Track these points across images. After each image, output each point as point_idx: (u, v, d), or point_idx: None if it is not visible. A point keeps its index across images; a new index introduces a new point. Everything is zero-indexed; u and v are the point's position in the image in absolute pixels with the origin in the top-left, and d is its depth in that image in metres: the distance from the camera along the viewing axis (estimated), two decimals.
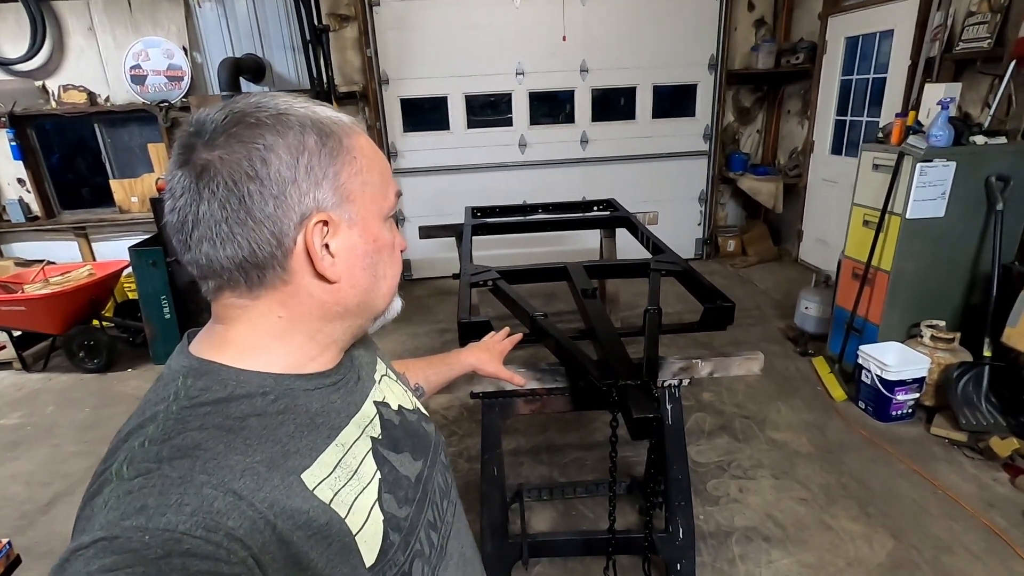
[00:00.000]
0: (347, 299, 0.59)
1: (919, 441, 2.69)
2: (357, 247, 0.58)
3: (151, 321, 3.85)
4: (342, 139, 0.57)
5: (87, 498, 0.47)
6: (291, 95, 0.57)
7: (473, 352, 1.21)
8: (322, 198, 0.54)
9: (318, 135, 0.55)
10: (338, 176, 0.56)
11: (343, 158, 0.56)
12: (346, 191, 0.56)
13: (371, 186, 0.59)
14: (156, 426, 0.49)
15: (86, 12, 4.56)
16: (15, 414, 3.42)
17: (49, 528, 2.42)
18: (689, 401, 3.09)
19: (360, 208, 0.58)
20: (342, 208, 0.56)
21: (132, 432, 0.50)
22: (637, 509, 2.32)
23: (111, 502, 0.44)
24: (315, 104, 0.58)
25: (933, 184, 2.77)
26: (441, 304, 4.83)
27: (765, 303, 4.42)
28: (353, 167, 0.57)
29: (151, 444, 0.48)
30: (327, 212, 0.55)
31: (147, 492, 0.44)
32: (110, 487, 0.45)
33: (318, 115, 0.56)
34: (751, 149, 5.56)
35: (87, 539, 0.42)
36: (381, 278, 0.62)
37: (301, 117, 0.55)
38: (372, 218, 0.59)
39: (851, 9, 4.27)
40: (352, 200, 0.57)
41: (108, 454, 0.50)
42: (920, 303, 2.98)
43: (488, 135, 5.19)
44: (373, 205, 0.59)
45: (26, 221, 4.95)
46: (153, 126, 4.86)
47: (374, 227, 0.59)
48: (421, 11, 4.75)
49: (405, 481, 0.64)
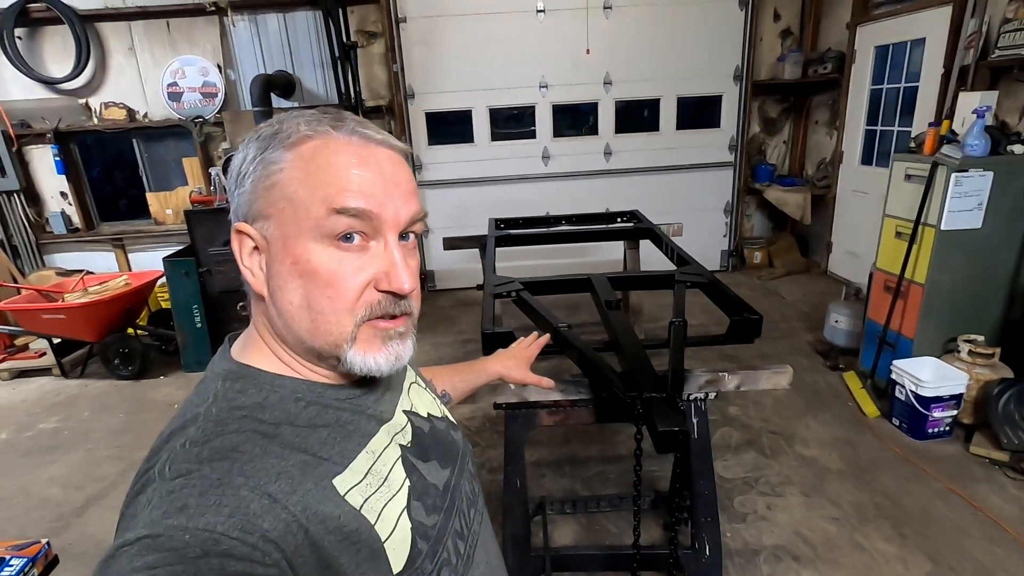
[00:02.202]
0: (279, 323, 0.56)
1: (957, 460, 2.59)
2: (274, 266, 0.55)
3: (183, 329, 3.95)
4: (278, 150, 0.54)
5: (131, 496, 0.49)
6: (309, 111, 0.57)
7: (500, 360, 1.20)
8: (244, 209, 0.56)
9: (257, 147, 0.55)
10: (256, 188, 0.54)
11: (267, 169, 0.54)
12: (263, 204, 0.54)
13: (291, 200, 0.53)
14: (197, 427, 0.51)
15: (127, 33, 4.75)
16: (53, 418, 3.53)
17: (83, 531, 2.49)
18: (715, 415, 3.03)
19: (278, 224, 0.54)
20: (259, 221, 0.55)
21: (174, 433, 0.52)
22: (662, 524, 2.27)
23: (154, 501, 0.46)
24: (314, 115, 0.56)
25: (969, 194, 2.69)
26: (464, 315, 4.85)
27: (793, 316, 4.33)
28: (273, 179, 0.54)
29: (192, 445, 0.49)
30: (246, 224, 0.56)
31: (188, 492, 0.45)
32: (153, 486, 0.47)
33: (282, 127, 0.55)
34: (778, 160, 5.48)
35: (131, 536, 0.44)
36: (315, 312, 0.54)
37: (266, 130, 0.56)
38: (294, 236, 0.53)
39: (881, 18, 4.21)
40: (267, 214, 0.54)
41: (151, 453, 0.52)
42: (957, 317, 2.89)
43: (512, 147, 5.23)
44: (294, 221, 0.53)
45: (67, 232, 5.15)
46: (188, 141, 5.02)
47: (296, 247, 0.53)
48: (446, 27, 4.83)
49: (433, 489, 0.64)
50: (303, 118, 0.56)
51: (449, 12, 4.79)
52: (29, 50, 4.70)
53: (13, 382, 4.09)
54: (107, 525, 2.50)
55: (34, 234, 5.11)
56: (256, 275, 0.57)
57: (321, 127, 0.55)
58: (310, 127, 0.55)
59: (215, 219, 3.90)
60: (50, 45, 4.73)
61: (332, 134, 0.55)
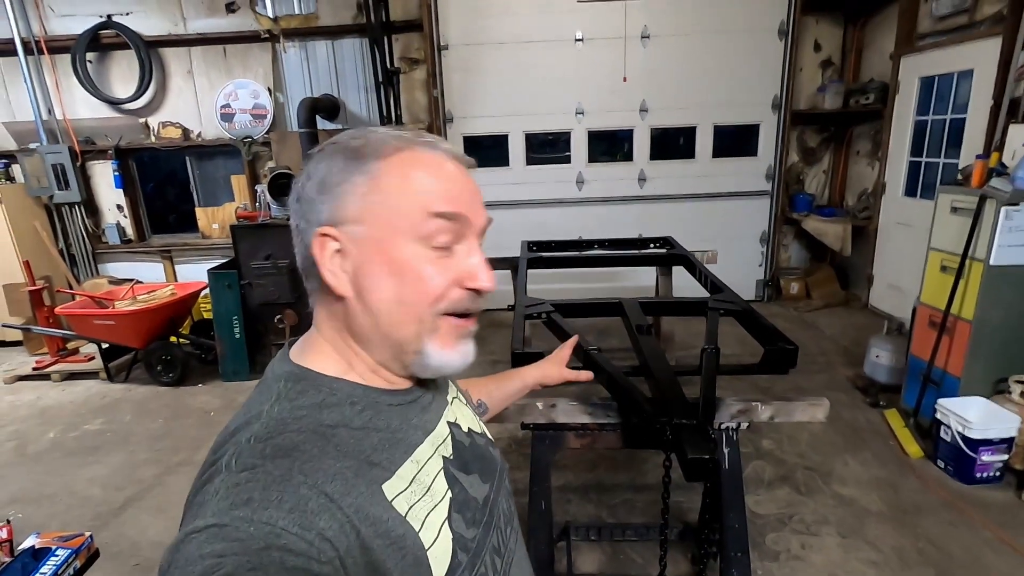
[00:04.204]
0: (362, 321, 0.59)
1: (1008, 508, 2.45)
2: (365, 266, 0.58)
3: (223, 340, 4.08)
4: (371, 160, 0.58)
5: (198, 486, 0.51)
6: (386, 128, 0.62)
7: (536, 369, 1.21)
8: (331, 214, 0.58)
9: (345, 158, 0.59)
10: (348, 194, 0.57)
11: (358, 178, 0.57)
12: (356, 209, 0.57)
13: (388, 206, 0.57)
14: (261, 424, 0.54)
15: (187, 57, 5.05)
16: (98, 420, 3.68)
17: (120, 531, 2.57)
18: (747, 448, 2.95)
19: (372, 227, 0.57)
20: (350, 225, 0.57)
21: (239, 428, 0.55)
22: (689, 558, 2.21)
23: (221, 491, 0.48)
24: (396, 131, 0.61)
25: (1020, 229, 2.59)
26: (495, 335, 4.86)
27: (831, 350, 4.20)
28: (367, 186, 0.57)
29: (256, 441, 0.52)
30: (334, 227, 0.58)
31: (252, 486, 0.48)
32: (220, 477, 0.50)
33: (368, 140, 0.59)
34: (817, 190, 5.39)
35: (200, 524, 0.46)
36: (406, 304, 0.58)
37: (346, 142, 0.60)
38: (390, 237, 0.57)
39: (926, 49, 4.14)
40: (361, 219, 0.57)
41: (216, 446, 0.55)
42: (1008, 356, 2.76)
43: (546, 172, 5.29)
44: (390, 224, 0.57)
45: (120, 243, 5.43)
46: (237, 159, 5.26)
47: (392, 248, 0.57)
48: (487, 54, 4.97)
49: (473, 503, 0.65)
50: (389, 133, 0.60)
51: (490, 40, 4.93)
52: (97, 72, 5.05)
53: (63, 384, 4.29)
54: (143, 526, 2.57)
55: (91, 244, 5.41)
56: (338, 276, 0.59)
57: (406, 141, 0.60)
58: (398, 140, 0.60)
59: (259, 234, 4.05)
60: (116, 68, 5.06)
61: (418, 148, 0.60)
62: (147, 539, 2.50)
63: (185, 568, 0.44)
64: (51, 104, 5.10)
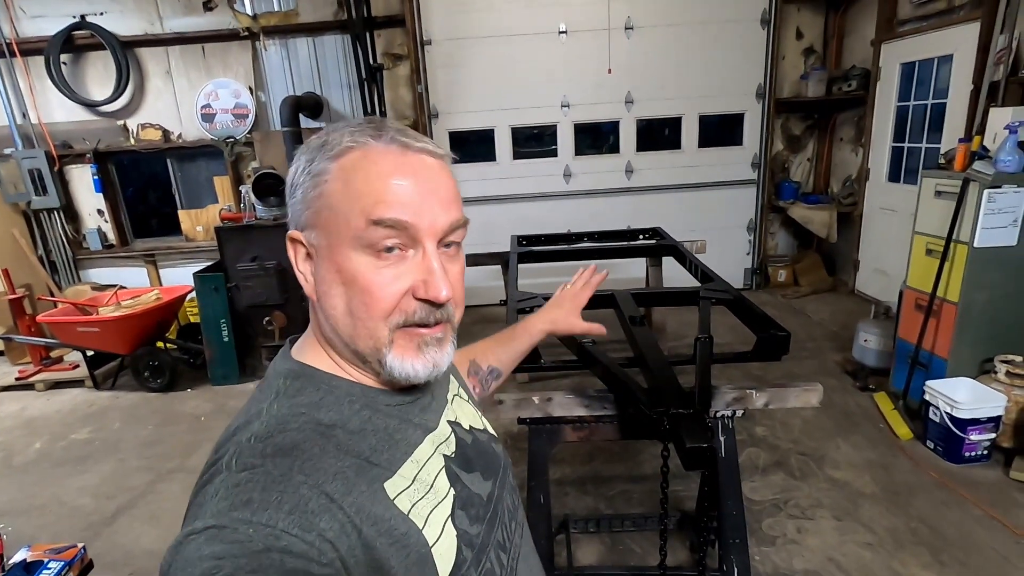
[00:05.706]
0: (330, 326, 0.58)
1: (997, 485, 2.49)
2: (320, 273, 0.57)
3: (211, 344, 4.03)
4: (322, 162, 0.55)
5: (200, 486, 0.50)
6: (356, 121, 0.58)
7: (544, 315, 1.08)
8: (296, 218, 0.58)
9: (307, 159, 0.57)
10: (305, 198, 0.57)
11: (314, 180, 0.56)
12: (310, 213, 0.56)
13: (333, 210, 0.54)
14: (261, 423, 0.53)
15: (165, 57, 4.95)
16: (85, 429, 3.62)
17: (112, 540, 2.52)
18: (741, 435, 2.97)
19: (321, 233, 0.56)
20: (308, 230, 0.57)
21: (240, 428, 0.54)
22: (688, 546, 2.23)
23: (221, 492, 0.47)
24: (359, 126, 0.57)
25: (1003, 211, 2.63)
26: (486, 331, 4.80)
27: (820, 335, 4.25)
28: (316, 191, 0.55)
29: (256, 440, 0.51)
30: (298, 232, 0.58)
31: (252, 486, 0.47)
32: (220, 477, 0.49)
33: (328, 139, 0.57)
34: (802, 177, 5.43)
35: (200, 525, 0.46)
36: (355, 317, 0.56)
37: (315, 142, 0.58)
38: (337, 245, 0.55)
39: (906, 35, 4.18)
40: (314, 224, 0.56)
41: (217, 446, 0.54)
42: (993, 336, 2.80)
43: (533, 166, 5.27)
44: (336, 231, 0.55)
45: (102, 248, 5.33)
46: (219, 160, 5.18)
47: (338, 255, 0.55)
48: (470, 48, 4.93)
49: (477, 499, 0.65)
50: (348, 129, 0.57)
51: (473, 35, 4.89)
52: (73, 75, 4.93)
53: (48, 393, 4.21)
54: (136, 535, 2.54)
55: (71, 250, 5.30)
56: (308, 280, 0.59)
57: (362, 137, 0.56)
58: (352, 138, 0.56)
59: (244, 236, 4.00)
60: (92, 70, 4.95)
61: (371, 144, 0.55)
62: (141, 548, 2.46)
63: (185, 569, 0.44)
64: (25, 108, 4.98)
